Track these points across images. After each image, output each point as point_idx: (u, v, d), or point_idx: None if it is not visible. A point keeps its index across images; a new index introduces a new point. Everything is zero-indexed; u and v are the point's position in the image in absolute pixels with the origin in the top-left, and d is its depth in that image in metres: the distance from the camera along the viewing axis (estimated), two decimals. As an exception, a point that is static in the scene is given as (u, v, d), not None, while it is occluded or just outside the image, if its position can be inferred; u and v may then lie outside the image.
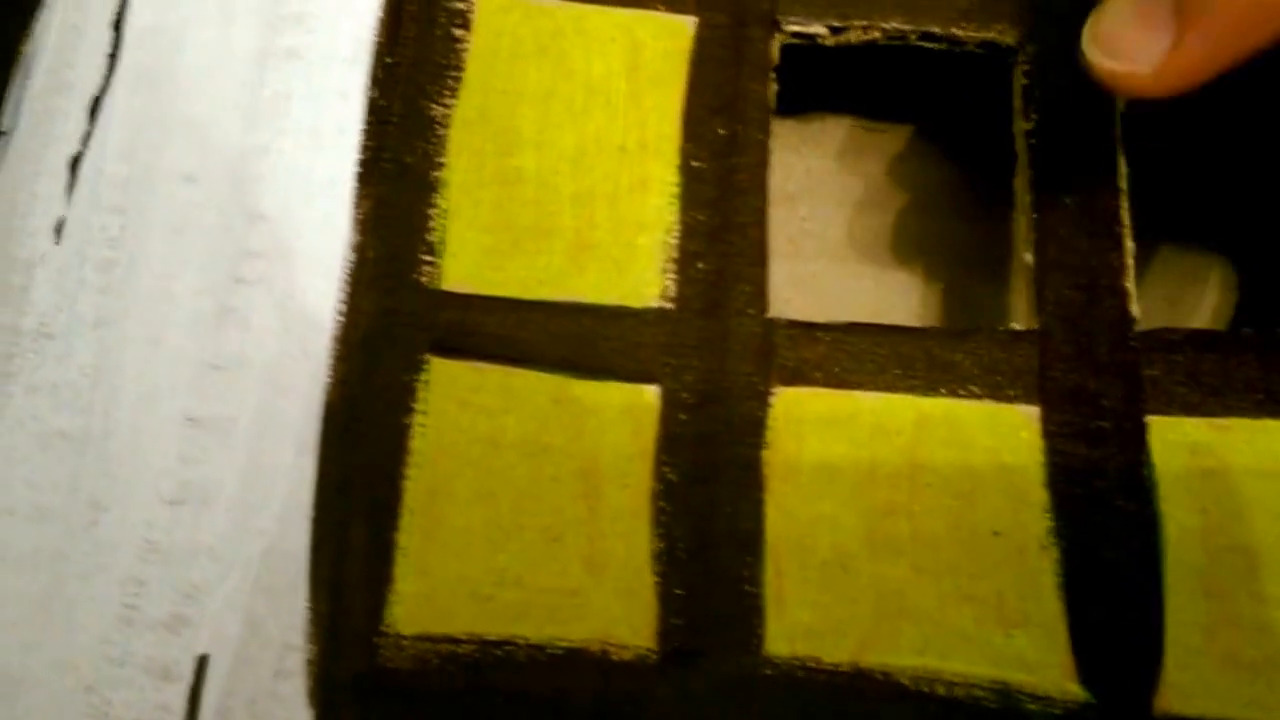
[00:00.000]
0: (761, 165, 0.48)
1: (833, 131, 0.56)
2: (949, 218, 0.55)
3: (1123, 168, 0.48)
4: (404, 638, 0.43)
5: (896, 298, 0.53)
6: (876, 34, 0.50)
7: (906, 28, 0.50)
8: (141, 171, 0.46)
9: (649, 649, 0.43)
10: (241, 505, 0.43)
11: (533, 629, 0.43)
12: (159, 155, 0.47)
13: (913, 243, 0.55)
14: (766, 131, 0.49)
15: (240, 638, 0.42)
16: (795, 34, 0.50)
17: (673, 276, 0.47)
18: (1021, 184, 0.49)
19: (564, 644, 0.43)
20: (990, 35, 0.50)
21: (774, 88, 0.49)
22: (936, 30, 0.50)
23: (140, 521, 0.43)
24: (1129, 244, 0.47)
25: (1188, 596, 0.43)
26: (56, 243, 0.45)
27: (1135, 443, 0.45)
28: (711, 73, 0.50)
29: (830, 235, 0.55)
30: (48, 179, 0.46)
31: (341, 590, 0.43)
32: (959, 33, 0.50)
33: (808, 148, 0.55)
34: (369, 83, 0.49)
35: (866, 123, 0.56)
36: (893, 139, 0.56)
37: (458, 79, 0.49)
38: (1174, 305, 0.54)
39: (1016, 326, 0.47)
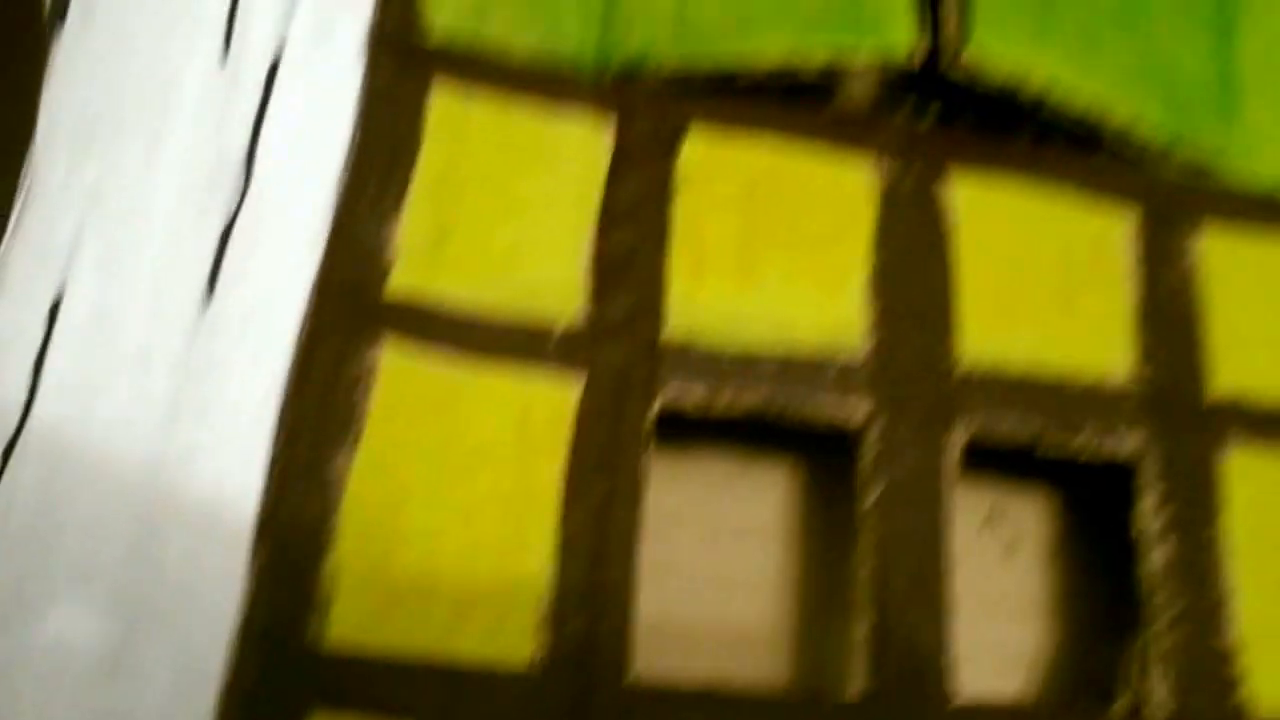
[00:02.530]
0: (634, 529, 0.53)
1: (710, 468, 0.62)
2: (813, 550, 0.61)
3: (949, 540, 0.53)
4: None
5: (751, 624, 0.58)
6: (741, 407, 0.56)
7: (768, 402, 0.55)
8: (48, 518, 0.49)
9: None
10: None
11: None
12: (67, 506, 0.49)
13: (771, 572, 0.60)
14: (640, 495, 0.54)
15: None
16: (670, 404, 0.53)
17: (545, 638, 0.51)
18: (862, 555, 0.55)
19: None
20: (842, 414, 0.55)
21: (649, 454, 0.55)
22: (793, 407, 0.55)
23: None
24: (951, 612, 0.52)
25: None
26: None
27: None
28: (593, 437, 0.55)
29: (701, 567, 0.60)
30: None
31: None
32: (814, 411, 0.55)
33: (681, 480, 0.60)
34: (274, 435, 0.51)
35: (743, 458, 0.61)
36: (767, 471, 0.62)
37: (357, 436, 0.53)
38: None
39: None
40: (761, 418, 0.56)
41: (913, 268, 0.57)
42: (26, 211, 0.53)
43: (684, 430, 0.60)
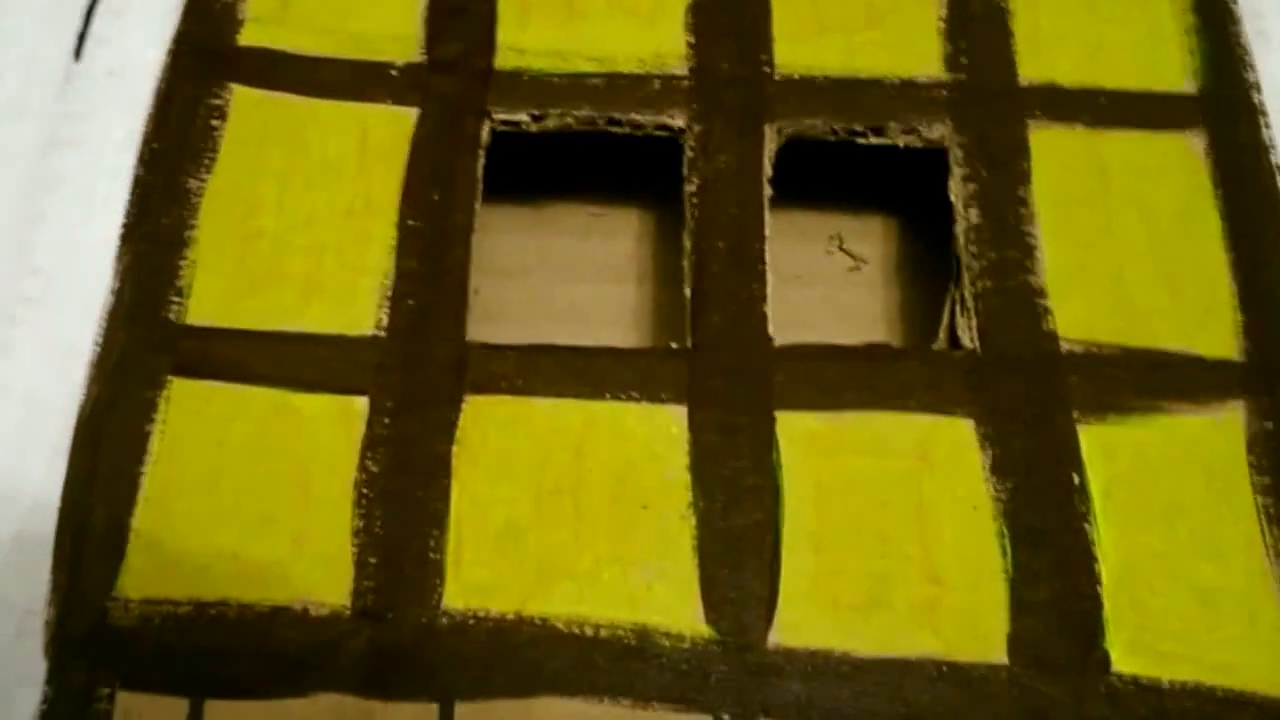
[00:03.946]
0: (467, 224, 0.58)
1: (563, 215, 0.67)
2: (661, 287, 0.65)
3: (765, 216, 0.58)
4: (131, 601, 0.50)
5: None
6: (570, 120, 0.59)
7: (595, 114, 0.59)
8: None
9: (344, 606, 0.50)
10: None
11: (243, 592, 0.50)
12: None
13: (631, 308, 0.65)
14: (474, 197, 0.58)
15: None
16: (503, 121, 0.59)
17: (386, 311, 0.55)
18: (686, 234, 0.58)
19: (269, 603, 0.50)
20: (663, 119, 0.59)
21: (482, 163, 0.59)
22: (619, 116, 0.59)
23: None
24: (769, 277, 0.57)
25: (801, 552, 0.50)
26: None
27: (765, 433, 0.53)
28: (429, 152, 0.59)
29: (555, 304, 0.64)
30: None
31: (79, 563, 0.50)
32: (639, 118, 0.59)
33: (541, 229, 0.65)
34: (137, 163, 0.57)
35: (593, 207, 0.66)
36: (613, 220, 0.67)
37: (213, 159, 0.59)
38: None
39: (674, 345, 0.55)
40: (590, 133, 0.59)
41: (728, 4, 0.62)
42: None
43: (540, 189, 0.65)
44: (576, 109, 0.60)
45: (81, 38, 0.59)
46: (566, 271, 0.65)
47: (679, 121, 0.60)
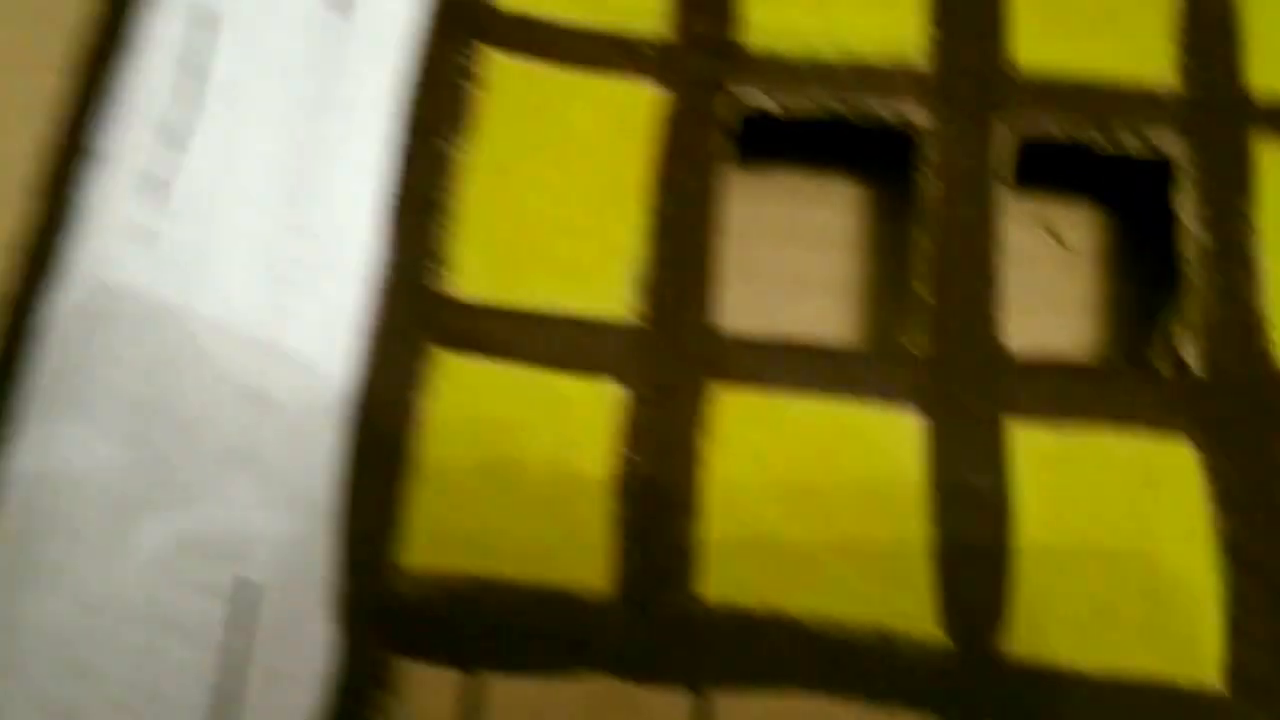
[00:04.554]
0: (717, 210, 0.60)
1: (785, 182, 0.68)
2: (876, 257, 0.67)
3: (1000, 220, 0.59)
4: (408, 571, 0.54)
5: (826, 322, 0.65)
6: (817, 108, 0.61)
7: (839, 103, 0.61)
8: (220, 182, 0.57)
9: (605, 591, 0.53)
10: (286, 467, 0.54)
11: (512, 569, 0.54)
12: (237, 172, 0.58)
13: (844, 277, 0.67)
14: (723, 183, 0.60)
15: (286, 574, 0.53)
16: (754, 107, 0.61)
17: (637, 295, 0.58)
18: (917, 231, 0.60)
19: (536, 582, 0.53)
20: (903, 112, 0.61)
21: (731, 148, 0.60)
22: (863, 108, 0.61)
23: (203, 476, 0.53)
24: (1002, 283, 0.58)
25: (1031, 566, 0.54)
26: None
27: (997, 448, 0.56)
28: (679, 133, 0.61)
29: (779, 270, 0.66)
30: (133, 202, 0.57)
31: (359, 532, 0.54)
32: (880, 109, 0.62)
33: (750, 192, 0.67)
34: (397, 125, 0.60)
35: (815, 174, 0.68)
36: (836, 189, 0.69)
37: (469, 126, 0.61)
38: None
39: (914, 352, 0.57)
40: (832, 120, 0.61)
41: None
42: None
43: (761, 150, 0.66)
44: (820, 96, 0.60)
45: (343, -7, 0.59)
46: (774, 237, 0.66)
47: (918, 117, 0.60)
